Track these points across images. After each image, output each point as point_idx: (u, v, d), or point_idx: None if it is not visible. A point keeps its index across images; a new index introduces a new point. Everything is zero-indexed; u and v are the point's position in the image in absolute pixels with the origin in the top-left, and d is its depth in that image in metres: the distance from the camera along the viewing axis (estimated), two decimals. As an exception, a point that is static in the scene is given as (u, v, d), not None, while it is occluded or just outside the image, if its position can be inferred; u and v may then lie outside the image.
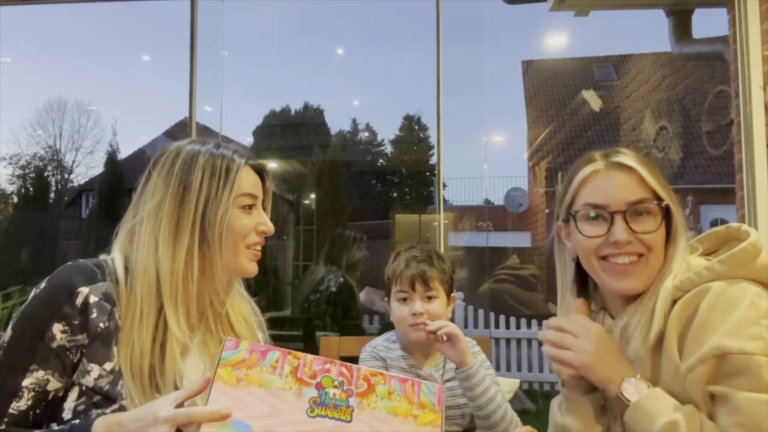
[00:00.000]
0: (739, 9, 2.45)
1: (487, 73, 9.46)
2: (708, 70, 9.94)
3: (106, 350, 0.88)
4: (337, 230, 6.11)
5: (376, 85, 18.05)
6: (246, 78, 12.74)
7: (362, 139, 13.87)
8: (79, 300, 0.87)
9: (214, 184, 0.94)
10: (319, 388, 0.78)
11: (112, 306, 0.89)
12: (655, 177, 0.92)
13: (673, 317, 0.86)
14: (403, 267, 1.36)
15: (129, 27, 12.95)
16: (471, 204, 11.42)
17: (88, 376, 0.86)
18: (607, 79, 12.12)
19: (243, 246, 0.97)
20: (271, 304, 6.74)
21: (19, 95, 14.21)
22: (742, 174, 2.46)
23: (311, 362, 0.80)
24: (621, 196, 0.91)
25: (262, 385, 0.76)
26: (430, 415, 0.81)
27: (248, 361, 0.77)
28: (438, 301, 1.35)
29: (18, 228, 8.77)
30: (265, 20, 16.14)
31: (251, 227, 0.97)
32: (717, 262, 0.86)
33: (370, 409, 0.79)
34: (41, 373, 0.86)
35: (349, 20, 15.14)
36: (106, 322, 0.88)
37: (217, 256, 0.93)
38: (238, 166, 0.97)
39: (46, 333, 0.86)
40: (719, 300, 0.82)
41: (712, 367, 0.79)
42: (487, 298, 6.80)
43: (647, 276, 0.91)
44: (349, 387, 0.80)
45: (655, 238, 0.90)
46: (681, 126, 9.10)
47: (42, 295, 0.89)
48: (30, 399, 0.85)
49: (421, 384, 0.84)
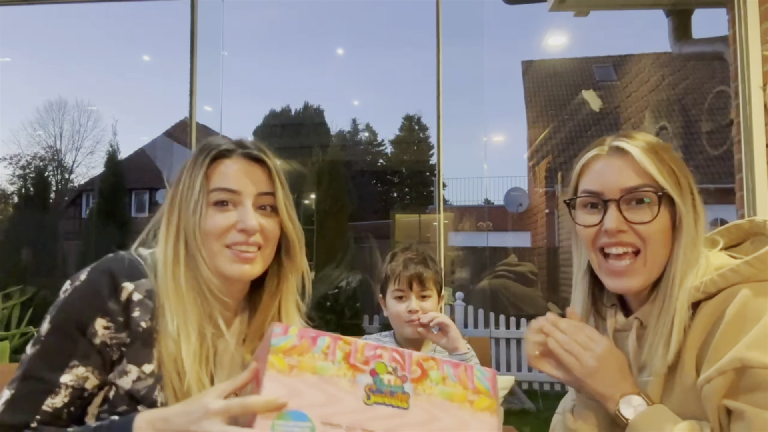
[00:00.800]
0: (738, 9, 2.45)
1: (487, 73, 9.47)
2: (708, 70, 9.93)
3: (146, 351, 0.84)
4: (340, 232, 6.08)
5: (376, 85, 18.06)
6: (246, 78, 12.77)
7: (362, 139, 13.87)
8: (123, 296, 0.84)
9: (186, 179, 0.90)
10: (374, 375, 0.75)
11: (154, 305, 0.85)
12: (658, 163, 0.84)
13: (695, 324, 0.80)
14: (402, 268, 1.47)
15: (129, 27, 12.96)
16: (471, 204, 11.42)
17: (126, 377, 0.83)
18: (607, 79, 12.12)
19: (220, 246, 0.88)
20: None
21: (19, 95, 14.23)
22: (741, 174, 2.46)
23: (363, 347, 0.76)
24: (616, 183, 0.86)
25: (316, 372, 0.72)
26: (486, 401, 0.78)
27: (299, 347, 0.73)
28: (431, 300, 1.48)
29: (18, 228, 8.76)
30: (265, 20, 16.15)
31: (225, 225, 0.88)
32: (743, 264, 0.80)
33: (426, 395, 0.76)
34: (81, 370, 0.82)
35: (349, 20, 15.15)
36: (148, 322, 0.84)
37: (198, 257, 0.87)
38: (205, 158, 0.89)
39: (88, 328, 0.82)
40: (745, 308, 0.76)
41: (730, 380, 0.74)
42: (487, 298, 6.80)
43: (646, 275, 0.86)
44: (403, 373, 0.76)
45: (650, 230, 0.84)
46: (681, 126, 9.10)
47: (84, 288, 0.84)
48: (67, 396, 0.81)
49: (474, 369, 0.81)
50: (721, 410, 0.76)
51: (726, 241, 0.91)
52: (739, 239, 0.91)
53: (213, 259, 0.89)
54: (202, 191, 0.88)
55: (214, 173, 0.90)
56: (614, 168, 0.87)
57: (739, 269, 0.80)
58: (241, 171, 0.90)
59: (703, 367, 0.78)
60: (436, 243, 3.80)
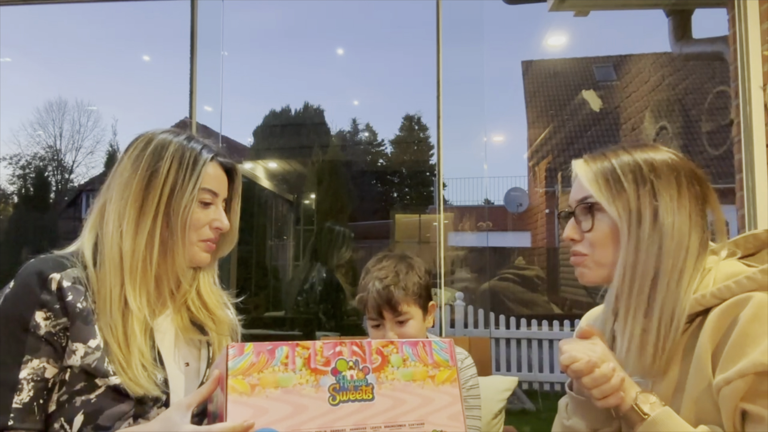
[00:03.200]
0: (739, 9, 2.45)
1: (487, 73, 9.44)
2: (708, 70, 9.93)
3: (87, 328, 0.89)
4: (326, 226, 6.05)
5: (376, 85, 18.06)
6: (246, 78, 12.74)
7: (362, 139, 13.86)
8: (53, 286, 0.88)
9: (180, 175, 0.96)
10: (336, 374, 0.76)
11: (85, 289, 0.91)
12: (597, 176, 0.90)
13: (709, 326, 0.81)
14: (368, 292, 1.27)
15: (129, 27, 12.95)
16: (471, 204, 11.42)
17: (75, 356, 0.87)
18: (607, 79, 12.12)
19: (196, 238, 0.99)
20: (271, 304, 6.74)
21: (19, 95, 14.21)
22: (741, 174, 2.45)
23: (321, 349, 0.78)
24: (573, 196, 0.96)
25: (278, 385, 0.74)
26: (445, 372, 0.81)
27: (257, 364, 0.75)
28: (411, 323, 1.27)
29: (18, 228, 8.77)
30: (265, 20, 16.15)
31: (205, 222, 1.00)
32: (759, 272, 0.80)
33: (389, 381, 0.78)
34: (36, 362, 0.86)
35: (349, 20, 15.15)
36: (83, 303, 0.90)
37: (178, 244, 0.96)
38: (205, 160, 0.99)
39: (30, 323, 0.87)
40: (762, 311, 0.77)
41: (750, 383, 0.74)
42: (487, 298, 6.80)
43: (595, 269, 0.93)
44: (365, 365, 0.78)
45: (593, 237, 0.91)
46: (681, 126, 9.10)
47: (15, 291, 0.89)
48: (31, 390, 0.86)
49: (432, 343, 0.83)
50: (737, 413, 0.76)
51: (743, 250, 0.92)
52: (756, 249, 0.92)
53: (188, 249, 0.98)
54: (196, 190, 0.96)
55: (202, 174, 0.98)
56: (575, 183, 0.96)
57: (755, 277, 0.81)
58: (219, 177, 1.02)
59: (718, 370, 0.78)
60: (436, 243, 3.80)
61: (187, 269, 1.01)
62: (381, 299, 1.24)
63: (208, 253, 1.02)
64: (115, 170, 0.99)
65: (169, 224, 0.96)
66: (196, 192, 0.96)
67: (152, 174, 0.95)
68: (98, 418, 0.86)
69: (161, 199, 0.95)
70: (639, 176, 0.89)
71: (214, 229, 1.01)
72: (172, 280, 1.01)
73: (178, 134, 1.02)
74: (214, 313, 1.06)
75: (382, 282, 1.26)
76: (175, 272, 1.00)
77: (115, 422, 0.86)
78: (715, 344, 0.80)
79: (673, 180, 0.88)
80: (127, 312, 0.92)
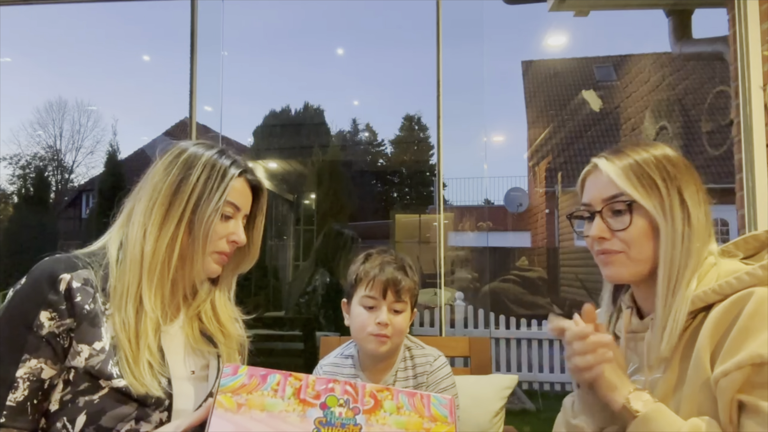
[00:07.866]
0: (739, 9, 2.45)
1: (487, 73, 9.44)
2: (708, 70, 9.94)
3: (94, 330, 0.90)
4: (333, 229, 6.03)
5: (376, 85, 18.08)
6: (246, 78, 12.76)
7: (362, 139, 13.86)
8: (62, 286, 0.89)
9: (208, 185, 0.99)
10: (324, 408, 0.76)
11: (94, 291, 0.92)
12: (629, 174, 0.91)
13: (711, 322, 0.82)
14: (378, 271, 1.27)
15: (129, 27, 12.96)
16: (471, 204, 11.42)
17: (79, 357, 0.88)
18: (607, 79, 12.12)
19: (211, 249, 1.01)
20: (271, 304, 6.74)
21: (19, 95, 14.21)
22: (741, 174, 2.45)
23: (314, 383, 0.77)
24: (598, 195, 0.94)
25: (264, 408, 0.74)
26: (443, 428, 0.77)
27: (248, 386, 0.76)
28: (404, 315, 1.29)
29: (18, 228, 8.77)
30: (265, 20, 16.16)
31: (222, 234, 1.01)
32: (759, 268, 0.82)
33: (380, 425, 0.76)
34: (34, 362, 0.87)
35: (349, 20, 15.16)
36: (91, 305, 0.91)
37: (198, 252, 0.98)
38: (233, 175, 1.01)
39: (33, 322, 0.87)
40: (762, 306, 0.78)
41: (747, 375, 0.76)
42: (487, 298, 6.80)
43: (633, 268, 0.92)
44: (356, 405, 0.77)
45: (628, 236, 0.90)
46: (681, 126, 9.10)
47: (25, 288, 0.90)
48: (26, 389, 0.86)
49: (431, 396, 0.80)
50: (734, 404, 0.77)
51: (743, 251, 0.94)
52: (756, 250, 0.93)
53: (205, 258, 1.00)
54: (222, 201, 0.99)
55: (229, 187, 1.01)
56: (597, 182, 0.95)
57: (755, 272, 0.82)
58: (245, 192, 1.05)
59: (717, 362, 0.79)
60: (436, 243, 3.80)
61: (204, 279, 1.03)
62: (391, 280, 1.26)
63: (220, 265, 1.04)
64: (147, 175, 1.02)
65: (191, 232, 0.98)
66: (221, 204, 0.98)
67: (182, 181, 0.98)
68: (100, 419, 0.86)
69: (187, 206, 0.97)
70: (665, 172, 0.91)
71: (230, 243, 1.02)
72: (187, 286, 1.04)
73: (212, 147, 1.04)
74: (224, 326, 1.08)
75: (391, 265, 1.29)
76: (192, 279, 1.02)
77: (117, 423, 0.87)
78: (716, 341, 0.81)
79: (691, 176, 0.92)
80: (141, 310, 0.94)
